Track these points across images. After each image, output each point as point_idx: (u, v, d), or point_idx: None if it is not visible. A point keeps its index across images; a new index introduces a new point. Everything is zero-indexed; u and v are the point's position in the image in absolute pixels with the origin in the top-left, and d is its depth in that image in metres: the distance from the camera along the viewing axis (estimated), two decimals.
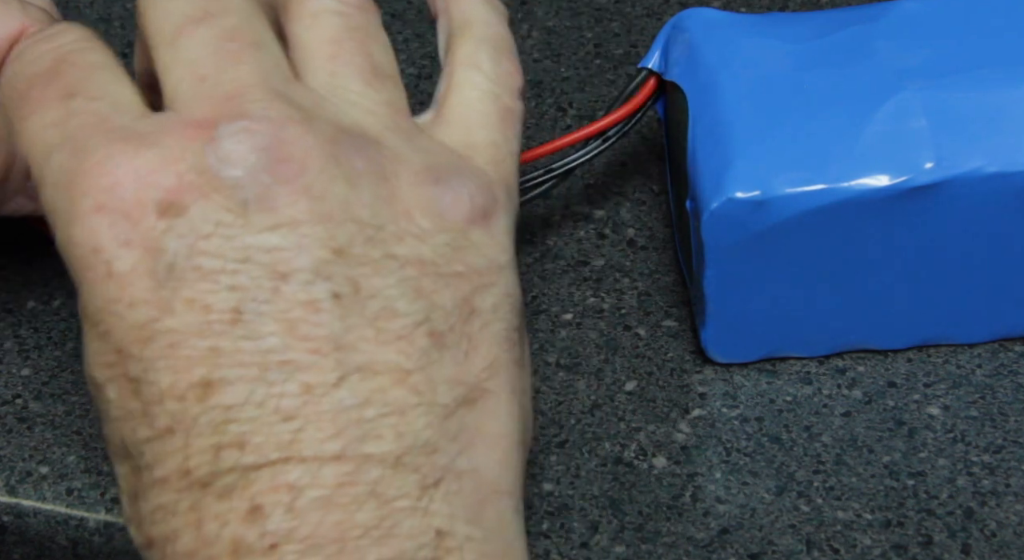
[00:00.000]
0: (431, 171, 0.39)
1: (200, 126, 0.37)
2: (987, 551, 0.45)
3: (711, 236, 0.46)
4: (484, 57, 0.42)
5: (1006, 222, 0.46)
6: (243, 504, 0.36)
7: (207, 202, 0.37)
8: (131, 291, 0.36)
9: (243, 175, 0.37)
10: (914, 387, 0.49)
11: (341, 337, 0.37)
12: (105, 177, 0.37)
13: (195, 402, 0.36)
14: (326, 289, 0.37)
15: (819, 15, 0.50)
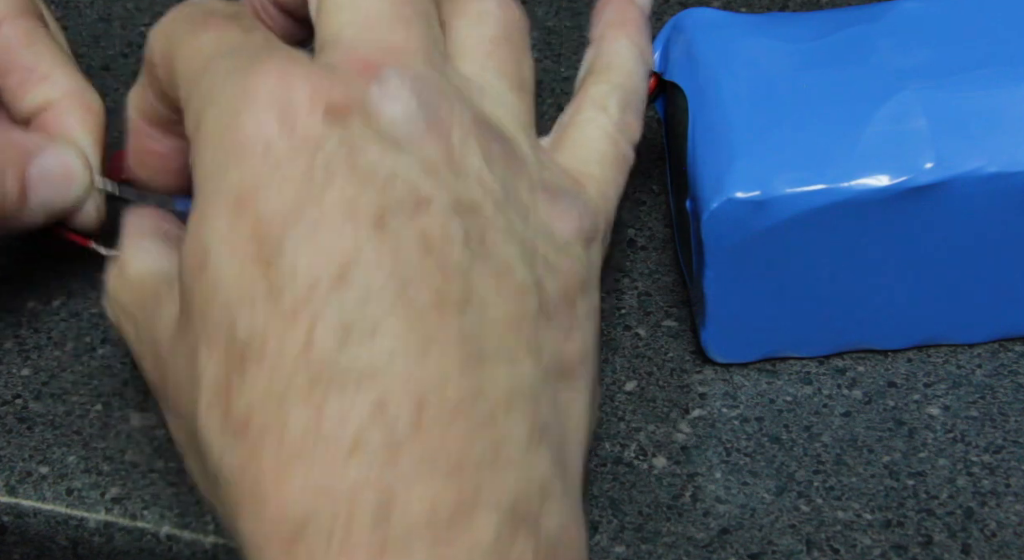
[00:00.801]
0: (547, 185, 0.41)
1: (368, 65, 0.39)
2: (987, 551, 0.45)
3: (711, 236, 0.46)
4: (614, 103, 0.45)
5: (1006, 222, 0.46)
6: (369, 399, 0.36)
7: (367, 123, 0.38)
8: (287, 172, 0.37)
9: (401, 114, 0.39)
10: (914, 387, 0.49)
11: (468, 270, 0.38)
12: (282, 76, 0.38)
13: (328, 290, 0.36)
14: (460, 227, 0.38)
15: (819, 15, 0.50)
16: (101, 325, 0.51)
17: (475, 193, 0.39)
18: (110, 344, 0.51)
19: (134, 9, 0.62)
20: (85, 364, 0.50)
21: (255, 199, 0.37)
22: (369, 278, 0.37)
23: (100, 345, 0.51)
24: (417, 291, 0.37)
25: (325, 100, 0.38)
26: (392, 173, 0.38)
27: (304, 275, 0.37)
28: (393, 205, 0.37)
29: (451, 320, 0.37)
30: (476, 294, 0.38)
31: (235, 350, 0.37)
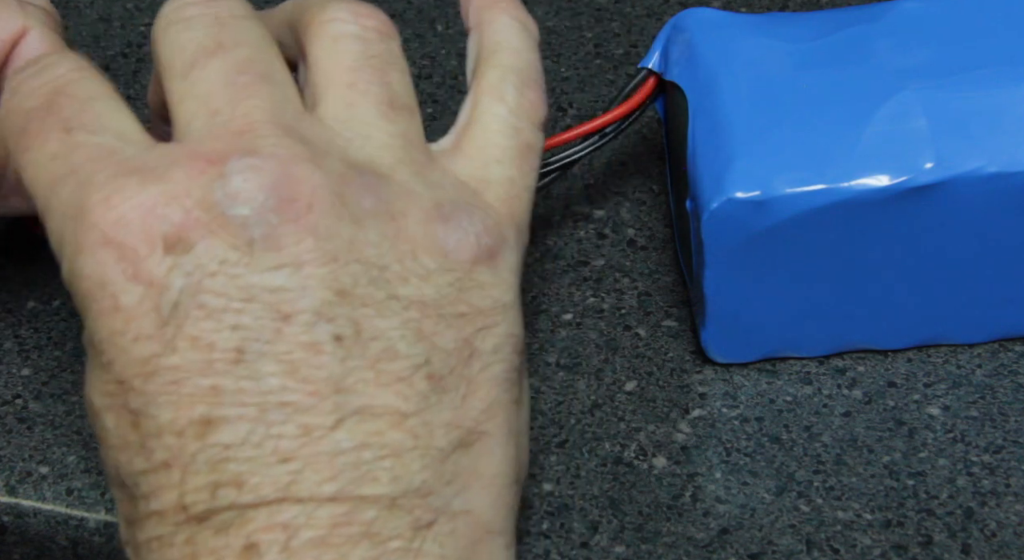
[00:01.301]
0: (440, 208, 0.39)
1: (209, 161, 0.37)
2: (987, 551, 0.45)
3: (711, 236, 0.46)
4: (509, 87, 0.42)
5: (1006, 222, 0.46)
6: (239, 541, 0.36)
7: (213, 239, 0.37)
8: (136, 326, 0.37)
9: (250, 214, 0.37)
10: (914, 387, 0.49)
11: (341, 380, 0.37)
12: (112, 210, 0.37)
13: (194, 439, 0.36)
14: (328, 331, 0.37)
15: (819, 15, 0.50)
16: None
17: (346, 274, 0.37)
18: None
19: (134, 9, 0.62)
20: (85, 364, 0.50)
21: (114, 358, 0.37)
22: (231, 427, 0.36)
23: None
24: (283, 427, 0.36)
25: (163, 228, 0.37)
26: (248, 295, 0.36)
27: (167, 430, 0.37)
28: (252, 333, 0.36)
29: (322, 447, 0.36)
30: (352, 402, 0.37)
31: (130, 495, 0.38)
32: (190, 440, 0.36)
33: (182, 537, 0.37)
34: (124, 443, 0.37)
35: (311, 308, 0.37)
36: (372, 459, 0.37)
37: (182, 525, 0.37)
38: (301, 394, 0.36)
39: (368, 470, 0.37)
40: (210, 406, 0.36)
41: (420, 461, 0.37)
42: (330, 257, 0.37)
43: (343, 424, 0.37)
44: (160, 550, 0.37)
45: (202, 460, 0.36)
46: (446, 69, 0.59)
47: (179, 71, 0.39)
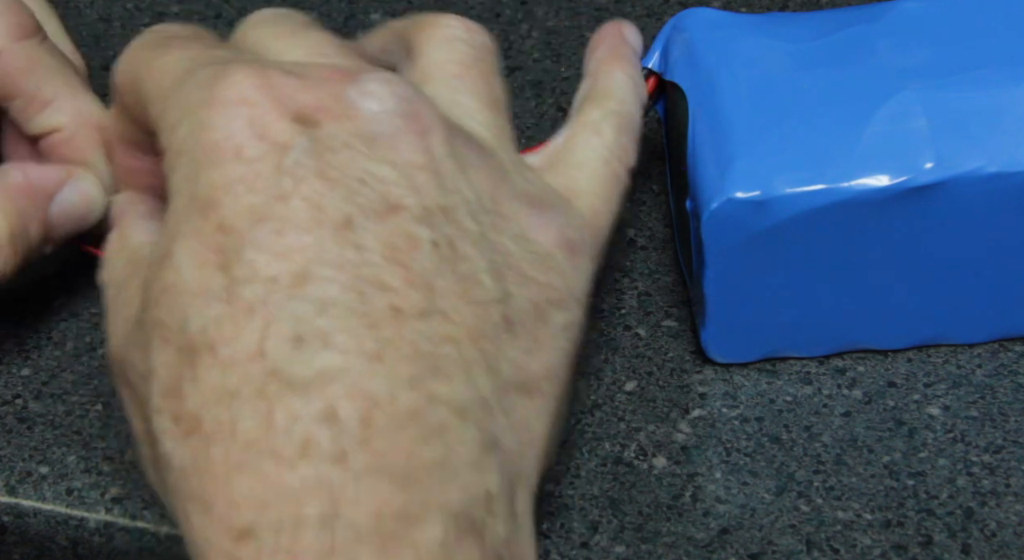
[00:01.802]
0: (530, 196, 0.41)
1: (343, 72, 0.40)
2: (987, 551, 0.45)
3: (711, 236, 0.46)
4: (608, 126, 0.45)
5: (1006, 222, 0.46)
6: (318, 403, 0.36)
7: (340, 124, 0.38)
8: (254, 174, 0.38)
9: (379, 111, 0.39)
10: (914, 387, 0.49)
11: (432, 279, 0.38)
12: (253, 78, 0.39)
13: (286, 288, 0.37)
14: (428, 233, 0.38)
15: (819, 15, 0.50)
16: (101, 325, 0.51)
17: (449, 198, 0.39)
18: None
19: (134, 9, 0.62)
20: (85, 364, 0.50)
21: (222, 201, 0.37)
22: (326, 285, 0.37)
23: (100, 345, 0.51)
24: (375, 300, 0.37)
25: (295, 104, 0.38)
26: (363, 177, 0.38)
27: (262, 275, 0.37)
28: (361, 209, 0.38)
29: (406, 331, 0.37)
30: (437, 303, 0.38)
31: (186, 346, 0.37)
32: (282, 288, 0.37)
33: (252, 389, 0.36)
34: (203, 288, 0.37)
35: (417, 207, 0.38)
36: (448, 357, 0.37)
37: (254, 374, 0.36)
38: (396, 277, 0.37)
39: (443, 367, 0.37)
40: (309, 261, 0.37)
41: (487, 379, 0.38)
42: (438, 178, 0.39)
43: (427, 317, 0.37)
44: (222, 403, 0.36)
45: (290, 310, 0.36)
46: None
47: (283, 34, 0.43)
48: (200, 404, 0.36)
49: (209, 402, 0.36)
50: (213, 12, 0.62)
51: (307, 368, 0.36)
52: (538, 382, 0.39)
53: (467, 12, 0.61)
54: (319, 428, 0.36)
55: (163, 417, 0.37)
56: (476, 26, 0.44)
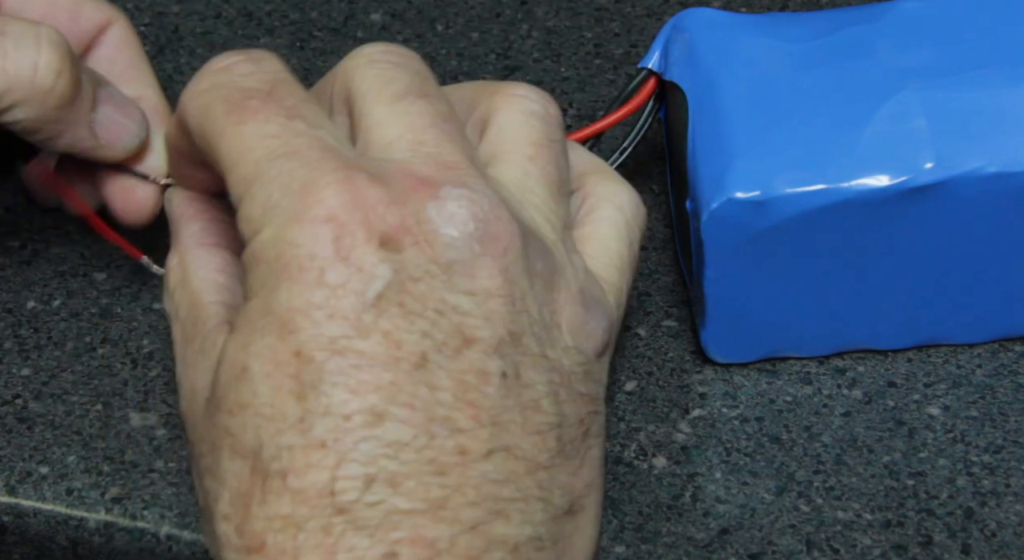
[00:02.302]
0: (582, 294, 0.41)
1: (424, 182, 0.39)
2: (987, 551, 0.45)
3: (711, 236, 0.46)
4: (626, 199, 0.45)
5: (1006, 222, 0.46)
6: (381, 546, 0.36)
7: (421, 250, 0.38)
8: (336, 304, 0.37)
9: (458, 237, 0.38)
10: (914, 387, 0.49)
11: (498, 414, 0.38)
12: (344, 194, 0.38)
13: (360, 427, 0.37)
14: (498, 365, 0.38)
15: (819, 15, 0.50)
16: (101, 325, 0.51)
17: (519, 323, 0.39)
18: (110, 344, 0.51)
19: (134, 9, 0.62)
20: (85, 364, 0.50)
21: (301, 326, 0.37)
22: (399, 427, 0.37)
23: (100, 345, 0.51)
24: (444, 442, 0.37)
25: (382, 227, 0.38)
26: (440, 308, 0.38)
27: (336, 411, 0.37)
28: (437, 346, 0.38)
29: (472, 474, 0.37)
30: (502, 440, 0.38)
31: (259, 468, 0.37)
32: (356, 427, 0.37)
33: (318, 523, 0.37)
34: (278, 414, 0.37)
35: (490, 340, 0.38)
36: (508, 498, 0.38)
37: (323, 510, 0.37)
38: (465, 416, 0.38)
39: (503, 508, 0.38)
40: (385, 401, 0.37)
41: (542, 513, 0.38)
42: (511, 301, 0.39)
43: (492, 457, 0.38)
44: (287, 532, 0.37)
45: (363, 451, 0.37)
46: (446, 69, 0.59)
47: (386, 98, 0.41)
48: (266, 527, 0.37)
49: (275, 528, 0.37)
50: (213, 12, 0.62)
51: (374, 511, 0.37)
52: (581, 500, 0.40)
53: (467, 12, 0.61)
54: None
55: (228, 525, 0.38)
56: (548, 98, 0.44)
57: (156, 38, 0.61)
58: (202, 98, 0.41)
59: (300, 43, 0.60)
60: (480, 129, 0.43)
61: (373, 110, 0.41)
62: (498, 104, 0.43)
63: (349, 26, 0.61)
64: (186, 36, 0.61)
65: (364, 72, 0.41)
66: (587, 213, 0.44)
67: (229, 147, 0.40)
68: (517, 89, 0.43)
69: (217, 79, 0.41)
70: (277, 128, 0.40)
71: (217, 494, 0.38)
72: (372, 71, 0.41)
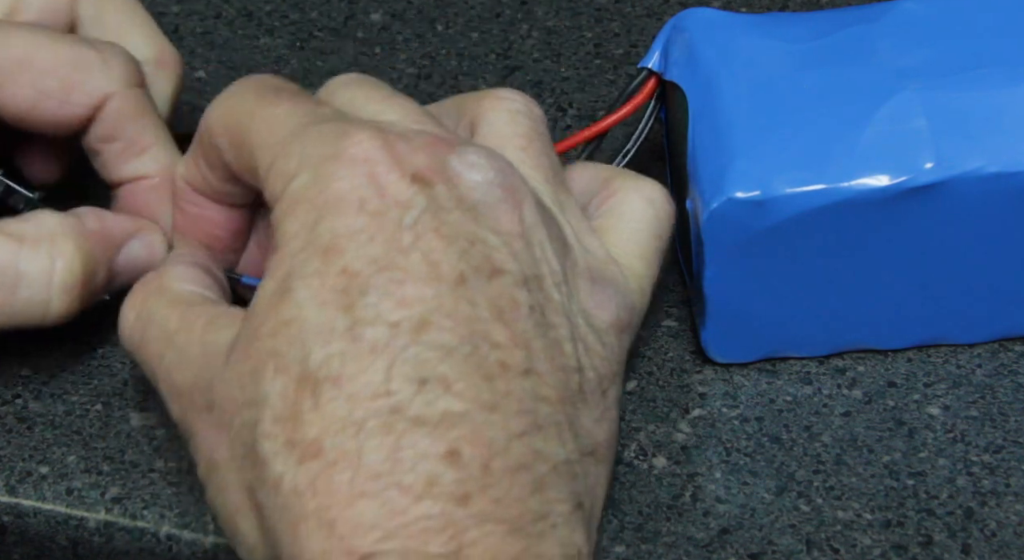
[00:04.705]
0: (591, 271, 0.43)
1: (444, 140, 0.42)
2: (987, 551, 0.45)
3: (711, 236, 0.46)
4: (658, 194, 0.47)
5: (1006, 222, 0.46)
6: (443, 443, 0.38)
7: (449, 186, 0.41)
8: (376, 227, 0.40)
9: (481, 181, 0.41)
10: (914, 387, 0.49)
11: (529, 340, 0.40)
12: (375, 139, 0.41)
13: (408, 333, 0.39)
14: (527, 298, 0.41)
15: (819, 15, 0.50)
16: (101, 325, 0.51)
17: (540, 267, 0.41)
18: (110, 344, 0.51)
19: None
20: (85, 364, 0.50)
21: (346, 247, 0.40)
22: (446, 333, 0.39)
23: (100, 345, 0.51)
24: (487, 353, 0.39)
25: (412, 166, 0.41)
26: (471, 239, 0.40)
27: (386, 319, 0.39)
28: (472, 268, 0.40)
29: (514, 386, 0.39)
30: (535, 364, 0.40)
31: (307, 377, 0.39)
32: (404, 333, 0.39)
33: (378, 422, 0.38)
34: (325, 326, 0.39)
35: (517, 272, 0.41)
36: (545, 418, 0.40)
37: (380, 410, 0.38)
38: (503, 335, 0.40)
39: (542, 425, 0.39)
40: (429, 311, 0.39)
41: (572, 442, 0.40)
42: (530, 245, 0.41)
43: (528, 376, 0.40)
44: (345, 431, 0.38)
45: (412, 355, 0.39)
46: (446, 69, 0.59)
47: (375, 98, 0.45)
48: (322, 432, 0.38)
49: (332, 431, 0.38)
50: (213, 12, 0.62)
51: (431, 409, 0.38)
52: (602, 450, 0.42)
53: (467, 12, 0.61)
54: (444, 467, 0.38)
55: (275, 442, 0.39)
56: (531, 100, 0.46)
57: None
58: (230, 101, 0.44)
59: (300, 43, 0.60)
60: (470, 131, 0.46)
61: (366, 107, 0.44)
62: (485, 107, 0.45)
63: (349, 26, 0.61)
64: (186, 36, 0.61)
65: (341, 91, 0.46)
66: (615, 206, 0.46)
67: (261, 123, 0.43)
68: (501, 93, 0.46)
69: (245, 83, 0.45)
70: (308, 109, 0.43)
71: (258, 417, 0.39)
72: (350, 88, 0.45)
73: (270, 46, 0.60)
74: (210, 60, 0.60)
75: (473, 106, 0.46)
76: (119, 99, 0.49)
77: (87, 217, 0.48)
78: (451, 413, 0.38)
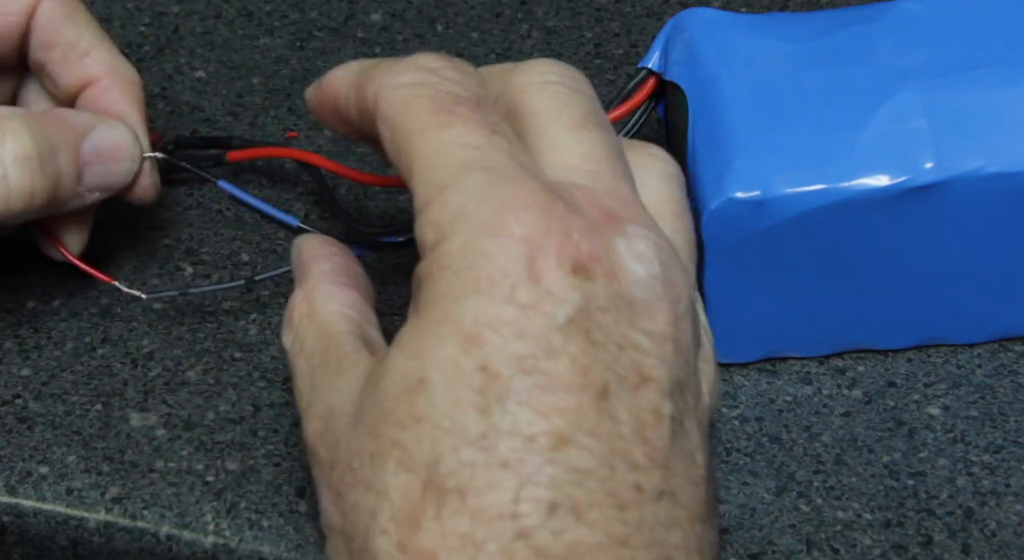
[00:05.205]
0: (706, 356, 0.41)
1: (613, 216, 0.38)
2: (987, 551, 0.45)
3: (711, 236, 0.46)
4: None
5: (1006, 222, 0.46)
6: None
7: (609, 282, 0.37)
8: (526, 323, 0.37)
9: (644, 276, 0.38)
10: (914, 387, 0.49)
11: (668, 458, 0.37)
12: (542, 216, 0.37)
13: (545, 450, 0.36)
14: (671, 407, 0.38)
15: (819, 15, 0.50)
16: (101, 325, 0.51)
17: (684, 372, 0.38)
18: (110, 344, 0.51)
19: (134, 9, 0.62)
20: (85, 364, 0.50)
21: (489, 340, 0.37)
22: (584, 454, 0.36)
23: (100, 345, 0.51)
24: (624, 476, 0.36)
25: (575, 254, 0.37)
26: (623, 344, 0.37)
27: (523, 431, 0.36)
28: (619, 378, 0.37)
29: (647, 512, 0.37)
30: (671, 482, 0.37)
31: (434, 483, 0.36)
32: (540, 450, 0.36)
33: (499, 545, 0.36)
34: (458, 428, 0.36)
35: (665, 381, 0.38)
36: (675, 544, 0.37)
37: (504, 533, 0.36)
38: (642, 453, 0.37)
39: (671, 554, 0.37)
40: (569, 425, 0.36)
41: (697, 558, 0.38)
42: (679, 349, 0.38)
43: (662, 500, 0.37)
44: (464, 550, 0.36)
45: (547, 474, 0.36)
46: None
47: (565, 123, 0.40)
48: (439, 545, 0.36)
49: (450, 547, 0.36)
50: (213, 12, 0.62)
51: (558, 541, 0.36)
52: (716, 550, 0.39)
53: (467, 12, 0.61)
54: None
55: (388, 540, 0.37)
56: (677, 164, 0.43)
57: (156, 38, 0.61)
58: (405, 91, 0.40)
59: (300, 43, 0.60)
60: None
61: (550, 132, 0.40)
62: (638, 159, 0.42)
63: (349, 26, 0.61)
64: (186, 36, 0.61)
65: (539, 92, 0.41)
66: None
67: (428, 148, 0.39)
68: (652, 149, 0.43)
69: (424, 77, 0.40)
70: (481, 140, 0.39)
71: (375, 508, 0.37)
72: (548, 92, 0.41)
73: (270, 46, 0.60)
74: (210, 60, 0.60)
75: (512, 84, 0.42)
76: (49, 2, 0.49)
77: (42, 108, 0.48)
78: (579, 545, 0.36)
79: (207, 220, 0.54)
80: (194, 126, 0.57)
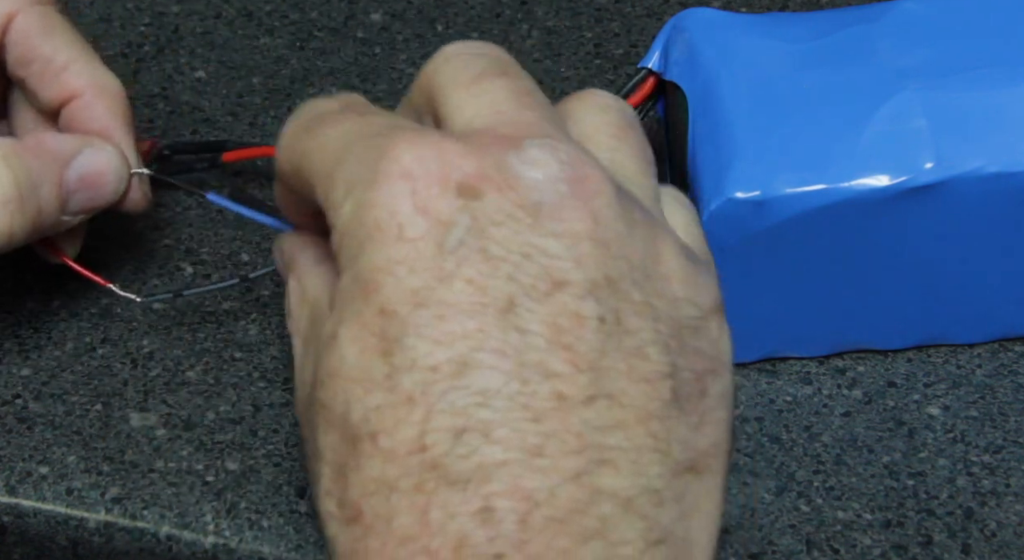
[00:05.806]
0: (688, 252, 0.39)
1: (505, 138, 0.38)
2: (987, 551, 0.45)
3: (711, 236, 0.46)
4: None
5: (1006, 222, 0.46)
6: (476, 500, 0.35)
7: (502, 195, 0.37)
8: (416, 255, 0.36)
9: (542, 179, 0.37)
10: (914, 387, 0.49)
11: (598, 359, 0.36)
12: (415, 149, 0.37)
13: (448, 377, 0.36)
14: (594, 309, 0.37)
15: (819, 15, 0.50)
16: (101, 325, 0.51)
17: (615, 267, 0.37)
18: (110, 344, 0.51)
19: (134, 9, 0.62)
20: (85, 364, 0.50)
21: (384, 283, 0.37)
22: (489, 374, 0.36)
23: (100, 345, 0.51)
24: (539, 388, 0.36)
25: (458, 175, 0.37)
26: (526, 251, 0.37)
27: (422, 364, 0.36)
28: (525, 289, 0.36)
29: (572, 420, 0.36)
30: (604, 386, 0.36)
31: (349, 434, 0.36)
32: (443, 378, 0.36)
33: (410, 482, 0.35)
34: (365, 375, 0.36)
35: (583, 282, 0.37)
36: (615, 446, 0.36)
37: (414, 468, 0.35)
38: (560, 361, 0.36)
39: (610, 457, 0.36)
40: (472, 348, 0.36)
41: (658, 466, 0.37)
42: (604, 244, 0.37)
43: (594, 403, 0.36)
44: (381, 494, 0.36)
45: (451, 400, 0.36)
46: None
47: (463, 83, 0.40)
48: (361, 493, 0.36)
49: (369, 492, 0.36)
50: (213, 12, 0.62)
51: (466, 463, 0.35)
52: (706, 459, 0.38)
53: (467, 12, 0.61)
54: (475, 527, 0.35)
55: (331, 501, 0.37)
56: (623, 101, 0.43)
57: (156, 38, 0.61)
58: (286, 139, 0.41)
59: (300, 43, 0.60)
60: None
61: (452, 97, 0.40)
62: (577, 104, 0.42)
63: (349, 26, 0.61)
64: (186, 36, 0.61)
65: (442, 70, 0.41)
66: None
67: (311, 158, 0.40)
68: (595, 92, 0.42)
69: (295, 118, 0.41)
70: (351, 124, 0.40)
71: (320, 473, 0.37)
72: (448, 66, 0.41)
73: (270, 46, 0.60)
74: (210, 60, 0.60)
75: (565, 107, 0.42)
76: (23, 17, 0.48)
77: (25, 138, 0.47)
78: (487, 464, 0.35)
79: (207, 220, 0.55)
80: (194, 126, 0.57)
